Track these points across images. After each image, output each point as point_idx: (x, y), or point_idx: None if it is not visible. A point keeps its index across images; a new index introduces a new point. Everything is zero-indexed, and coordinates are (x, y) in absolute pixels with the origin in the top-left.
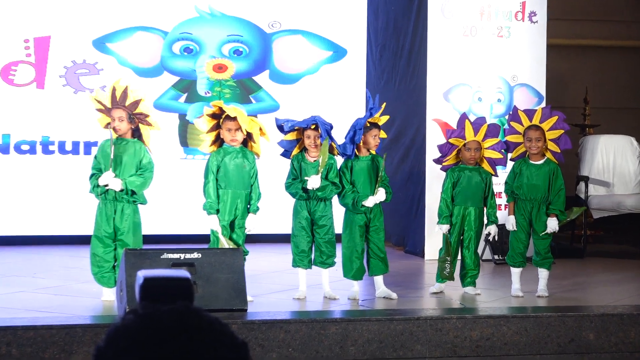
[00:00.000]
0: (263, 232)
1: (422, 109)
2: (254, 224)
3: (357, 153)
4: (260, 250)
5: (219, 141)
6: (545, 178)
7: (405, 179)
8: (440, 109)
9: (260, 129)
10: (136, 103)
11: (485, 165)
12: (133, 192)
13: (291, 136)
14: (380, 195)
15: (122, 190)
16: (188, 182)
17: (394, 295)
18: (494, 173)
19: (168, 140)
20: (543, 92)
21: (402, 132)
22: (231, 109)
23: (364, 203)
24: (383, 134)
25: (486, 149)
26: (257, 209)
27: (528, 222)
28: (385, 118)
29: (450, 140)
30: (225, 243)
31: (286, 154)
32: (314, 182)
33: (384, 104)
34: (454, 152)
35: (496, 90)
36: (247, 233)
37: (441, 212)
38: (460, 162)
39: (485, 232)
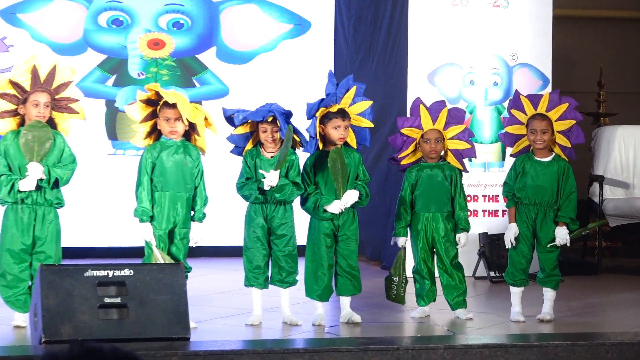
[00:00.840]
0: (209, 244)
1: (403, 94)
2: (199, 235)
3: (324, 147)
4: (206, 266)
5: (155, 133)
6: (554, 178)
7: (382, 179)
8: (425, 94)
9: (206, 119)
10: (64, 85)
11: (451, 159)
12: (55, 184)
13: (243, 129)
14: (350, 197)
15: (41, 181)
16: (117, 183)
17: (357, 318)
18: (462, 168)
19: (93, 131)
20: (548, 74)
21: (379, 122)
22: (170, 94)
23: (326, 208)
24: (364, 123)
25: (450, 139)
26: (203, 216)
27: (532, 232)
28: (364, 104)
29: (403, 131)
30: (160, 257)
31: (237, 150)
32: (271, 178)
33: (354, 87)
34: (412, 147)
35: (492, 72)
36: (191, 245)
37: (396, 221)
38: (422, 159)
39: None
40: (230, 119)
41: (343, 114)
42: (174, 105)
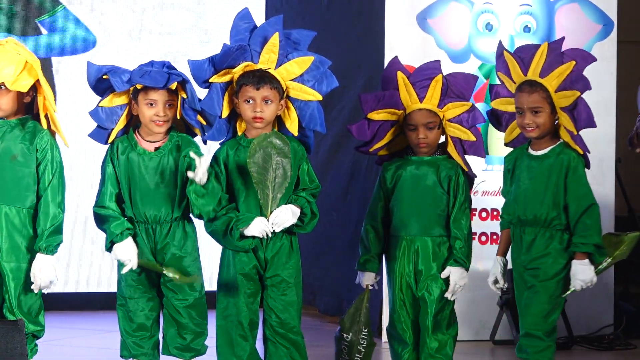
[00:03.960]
0: (64, 289)
1: (378, 45)
2: (46, 273)
3: (241, 133)
4: (63, 325)
5: None
6: (550, 180)
7: (344, 183)
8: (413, 47)
9: (38, 84)
10: None
11: (453, 152)
12: None
13: (117, 99)
14: (282, 217)
15: None
16: None
17: None
18: (464, 166)
19: None
20: (613, 15)
21: (337, 92)
22: None
23: (243, 231)
24: (307, 94)
25: (449, 121)
26: (52, 244)
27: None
28: (303, 62)
29: (371, 116)
30: None
31: (100, 134)
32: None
33: (276, 34)
34: (389, 135)
35: (520, 9)
36: (35, 290)
37: (361, 247)
38: (408, 150)
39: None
40: (98, 83)
41: (259, 79)
42: None
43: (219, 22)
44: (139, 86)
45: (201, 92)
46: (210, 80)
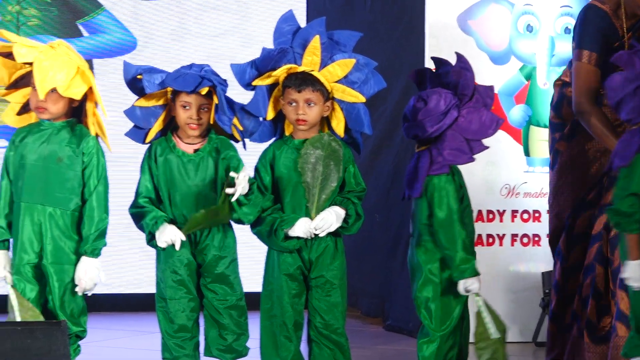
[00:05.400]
0: (107, 290)
1: (419, 47)
2: (90, 275)
3: (288, 134)
4: (106, 327)
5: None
6: None
7: (386, 186)
8: (453, 48)
9: (91, 91)
10: None
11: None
12: None
13: (153, 100)
14: (328, 219)
15: None
16: None
17: None
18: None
19: None
20: None
21: (378, 94)
22: (27, 48)
23: (287, 232)
24: (353, 97)
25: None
26: (97, 247)
27: None
28: (345, 64)
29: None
30: (15, 305)
31: (138, 134)
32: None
33: (316, 37)
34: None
35: (561, 11)
36: (80, 293)
37: (471, 252)
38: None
39: None
40: (133, 83)
41: (301, 81)
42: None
43: (261, 24)
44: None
45: (246, 96)
46: (253, 83)
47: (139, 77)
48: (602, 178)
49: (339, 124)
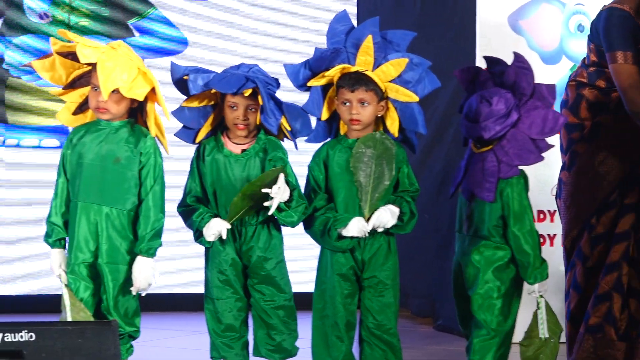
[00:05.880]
0: (160, 290)
1: (469, 48)
2: (145, 275)
3: (342, 133)
4: (157, 326)
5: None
6: None
7: (436, 185)
8: (504, 48)
9: (153, 91)
10: None
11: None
12: None
13: (200, 101)
14: (382, 218)
15: None
16: (8, 194)
17: None
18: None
19: None
20: None
21: (430, 94)
22: (91, 49)
23: (341, 232)
24: (406, 96)
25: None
26: (152, 247)
27: None
28: (398, 64)
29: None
30: (68, 305)
31: (187, 134)
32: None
33: (369, 36)
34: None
35: None
36: (134, 292)
37: (540, 256)
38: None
39: None
40: (181, 83)
41: (354, 81)
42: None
43: (309, 24)
44: None
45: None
46: (308, 83)
47: (185, 77)
48: (626, 178)
49: (393, 124)
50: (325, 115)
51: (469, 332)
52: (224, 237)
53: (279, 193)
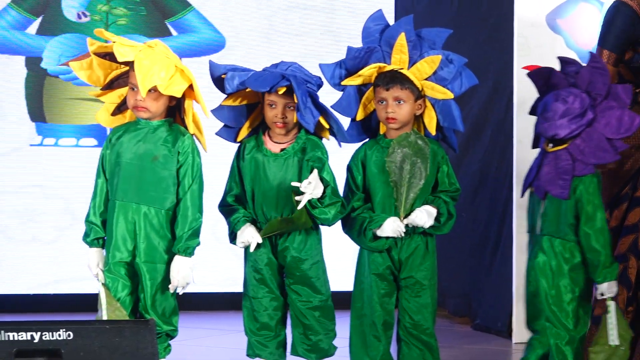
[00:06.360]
0: (198, 289)
1: (507, 47)
2: (183, 274)
3: (382, 133)
4: (195, 326)
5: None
6: None
7: (473, 185)
8: (542, 48)
9: (191, 89)
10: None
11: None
12: None
13: (239, 100)
14: (419, 218)
15: None
16: (45, 193)
17: None
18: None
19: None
20: None
21: (465, 93)
22: (129, 48)
23: (376, 232)
24: (441, 93)
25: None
26: (190, 246)
27: None
28: (433, 60)
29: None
30: (104, 304)
31: (228, 133)
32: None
33: (402, 34)
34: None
35: None
36: (172, 290)
37: (612, 256)
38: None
39: None
40: (219, 81)
41: (389, 79)
42: (132, 65)
43: (349, 22)
44: None
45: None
46: (343, 83)
47: (223, 76)
48: (637, 172)
49: (431, 122)
50: (360, 115)
51: (537, 333)
52: (252, 250)
53: (309, 188)
